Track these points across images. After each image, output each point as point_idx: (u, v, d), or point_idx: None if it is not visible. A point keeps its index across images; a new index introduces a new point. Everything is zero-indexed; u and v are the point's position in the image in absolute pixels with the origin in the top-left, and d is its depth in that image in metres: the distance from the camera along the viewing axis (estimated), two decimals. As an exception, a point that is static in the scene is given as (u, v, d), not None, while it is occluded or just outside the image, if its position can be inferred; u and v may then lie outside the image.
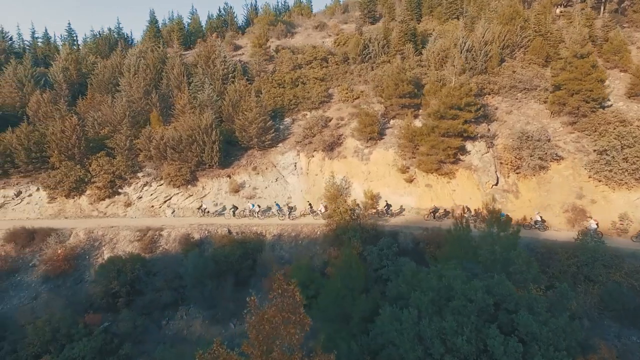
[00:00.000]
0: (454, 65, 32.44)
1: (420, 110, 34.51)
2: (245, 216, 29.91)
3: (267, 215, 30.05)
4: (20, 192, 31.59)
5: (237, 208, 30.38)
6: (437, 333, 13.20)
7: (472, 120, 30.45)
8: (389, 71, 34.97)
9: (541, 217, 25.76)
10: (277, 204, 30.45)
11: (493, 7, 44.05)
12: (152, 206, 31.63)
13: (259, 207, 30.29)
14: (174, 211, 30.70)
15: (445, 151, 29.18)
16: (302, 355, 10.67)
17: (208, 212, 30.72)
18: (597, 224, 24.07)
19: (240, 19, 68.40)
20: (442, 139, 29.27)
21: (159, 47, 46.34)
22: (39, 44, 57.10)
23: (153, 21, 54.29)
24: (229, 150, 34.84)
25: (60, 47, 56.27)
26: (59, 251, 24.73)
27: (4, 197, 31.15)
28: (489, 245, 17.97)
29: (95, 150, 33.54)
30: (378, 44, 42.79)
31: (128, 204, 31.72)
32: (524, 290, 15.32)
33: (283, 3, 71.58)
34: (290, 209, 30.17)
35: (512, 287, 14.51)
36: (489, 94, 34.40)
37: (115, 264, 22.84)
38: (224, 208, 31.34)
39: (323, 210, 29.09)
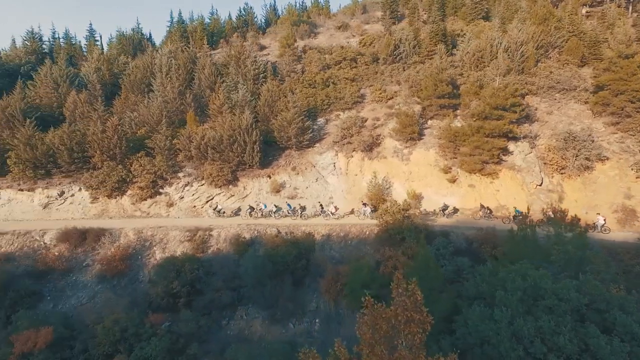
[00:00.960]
0: (498, 67, 32.44)
1: (458, 111, 34.66)
2: (261, 217, 29.77)
3: (281, 215, 29.93)
4: (63, 192, 31.70)
5: (253, 209, 30.16)
6: (535, 332, 13.29)
7: (515, 120, 30.51)
8: (427, 71, 35.07)
9: (604, 219, 25.57)
10: (288, 205, 30.50)
11: (524, 7, 44.05)
12: (194, 206, 31.73)
13: (276, 207, 30.34)
14: (219, 211, 30.63)
15: (490, 151, 29.29)
16: (426, 355, 10.71)
17: (224, 212, 30.57)
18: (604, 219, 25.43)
19: (259, 19, 68.57)
20: (486, 140, 29.36)
21: (188, 47, 46.37)
22: (61, 44, 57.16)
23: (180, 21, 54.35)
24: (266, 150, 34.91)
25: (84, 47, 56.54)
26: (115, 251, 24.82)
27: (48, 197, 31.26)
28: (560, 245, 18.06)
29: (134, 151, 33.66)
30: (409, 45, 42.87)
31: (170, 204, 31.82)
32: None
33: (301, 3, 71.66)
34: (302, 208, 30.39)
35: (601, 287, 14.61)
36: (527, 95, 34.44)
37: (173, 264, 22.95)
38: (239, 209, 31.27)
39: (333, 210, 29.43)
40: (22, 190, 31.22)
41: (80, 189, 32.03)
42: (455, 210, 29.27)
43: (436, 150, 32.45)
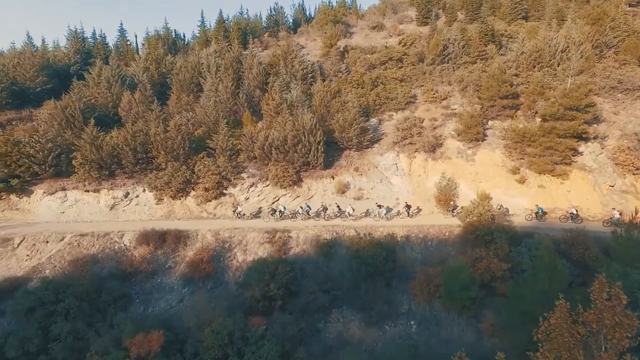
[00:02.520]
0: (570, 67, 32.32)
1: (519, 112, 34.57)
2: (281, 218, 29.49)
3: (305, 217, 29.59)
4: (128, 193, 31.45)
5: (275, 211, 29.77)
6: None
7: (585, 121, 30.39)
8: (489, 71, 34.90)
9: None
10: (308, 206, 30.38)
11: (572, 7, 43.99)
12: (261, 207, 31.50)
13: (309, 207, 30.24)
14: (239, 213, 30.22)
15: (563, 152, 29.18)
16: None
17: (244, 215, 30.25)
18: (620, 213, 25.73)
19: (288, 19, 68.20)
20: (559, 140, 29.26)
21: (232, 47, 46.12)
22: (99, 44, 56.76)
23: (221, 21, 54.06)
24: (326, 150, 34.67)
25: (119, 46, 56.17)
26: (202, 254, 24.59)
27: (114, 198, 31.02)
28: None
29: (195, 151, 33.46)
30: (458, 45, 42.75)
31: (235, 205, 31.58)
32: None
33: (327, 3, 71.23)
34: (324, 209, 30.18)
35: None
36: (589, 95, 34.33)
37: (266, 266, 22.76)
38: (259, 211, 31.15)
39: (351, 211, 29.34)
40: (88, 191, 30.98)
41: (144, 190, 31.80)
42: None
43: (502, 150, 32.34)
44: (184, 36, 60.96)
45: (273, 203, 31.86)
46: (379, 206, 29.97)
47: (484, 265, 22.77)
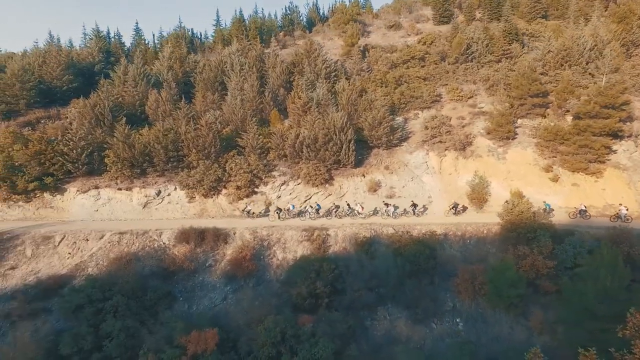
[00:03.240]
0: (604, 65, 32.31)
1: (548, 110, 34.57)
2: (289, 217, 29.23)
3: (318, 216, 29.63)
4: (160, 192, 31.38)
5: (281, 210, 29.44)
6: None
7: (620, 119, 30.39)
8: (519, 70, 34.87)
9: None
10: (314, 206, 30.04)
11: (597, 6, 43.98)
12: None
13: (318, 206, 30.16)
14: (249, 212, 29.83)
15: (599, 150, 29.18)
16: None
17: (253, 213, 29.87)
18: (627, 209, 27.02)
19: (302, 19, 68.10)
20: (594, 138, 29.25)
21: (257, 46, 46.08)
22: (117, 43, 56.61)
23: (240, 19, 54.03)
24: (355, 149, 34.68)
25: (135, 45, 56.01)
26: (245, 252, 24.51)
27: (146, 196, 30.94)
28: None
29: (224, 150, 33.40)
30: (482, 44, 42.73)
31: (268, 204, 31.55)
32: None
33: (340, 2, 71.13)
34: (336, 208, 30.34)
35: None
36: (619, 93, 34.33)
37: (310, 264, 22.73)
38: (268, 210, 30.89)
39: (360, 210, 29.26)
40: (120, 189, 30.89)
41: (175, 189, 31.72)
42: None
43: (533, 149, 32.35)
44: (201, 35, 60.89)
45: (305, 201, 31.81)
46: (386, 205, 30.00)
47: (529, 263, 22.74)
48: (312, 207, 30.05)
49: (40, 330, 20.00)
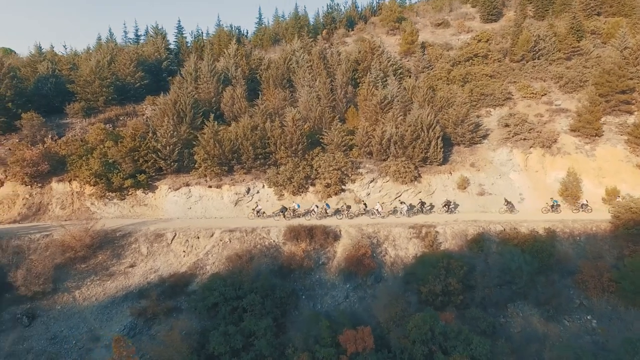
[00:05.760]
0: None
1: (633, 106, 34.32)
2: (296, 216, 28.53)
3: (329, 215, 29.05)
4: (249, 189, 31.02)
5: (286, 209, 28.69)
6: None
7: None
8: (605, 67, 34.62)
9: None
10: (327, 204, 29.55)
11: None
12: (383, 203, 31.02)
13: (327, 205, 29.53)
14: (259, 212, 28.81)
15: (699, 147, 28.95)
16: None
17: (264, 213, 28.77)
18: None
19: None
20: (694, 135, 29.04)
21: (320, 43, 45.73)
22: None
23: (298, 16, 53.63)
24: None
25: (178, 43, 55.52)
26: (364, 250, 24.12)
27: (236, 193, 30.57)
28: None
29: (308, 147, 33.01)
30: (550, 41, 42.48)
31: (358, 201, 31.17)
32: None
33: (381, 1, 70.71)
34: (348, 207, 29.26)
35: None
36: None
37: (438, 261, 22.38)
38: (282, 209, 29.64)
39: (380, 209, 28.75)
40: (210, 187, 30.50)
41: (263, 186, 31.36)
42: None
43: (623, 145, 32.11)
44: (247, 32, 60.48)
45: (395, 199, 31.49)
46: (402, 203, 29.83)
47: (657, 259, 22.48)
48: (317, 207, 29.14)
49: (178, 328, 19.54)
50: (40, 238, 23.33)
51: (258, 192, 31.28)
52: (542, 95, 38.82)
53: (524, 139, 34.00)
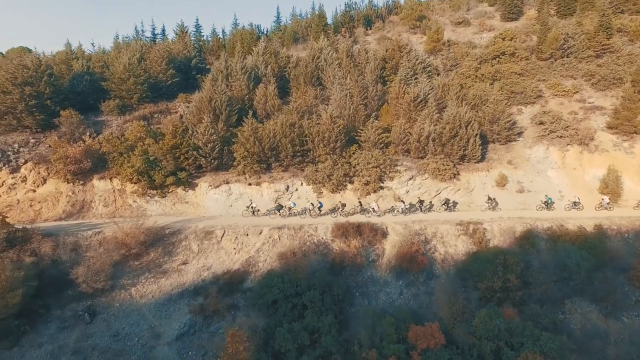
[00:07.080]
0: None
1: (669, 104, 34.19)
2: (292, 215, 28.16)
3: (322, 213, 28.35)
4: (288, 187, 30.87)
5: (282, 207, 28.38)
6: None
7: None
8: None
9: None
10: (320, 203, 28.86)
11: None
12: (422, 200, 30.86)
13: (320, 204, 28.85)
14: (254, 210, 28.29)
15: None
16: None
17: (258, 210, 28.37)
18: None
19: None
20: None
21: (346, 41, 45.63)
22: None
23: (320, 15, 53.55)
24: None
25: (198, 41, 55.43)
26: (417, 246, 23.98)
27: (276, 191, 30.41)
28: None
29: (345, 144, 32.83)
30: (579, 38, 42.39)
31: (397, 199, 31.03)
32: None
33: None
34: (343, 206, 28.81)
35: None
36: None
37: (494, 257, 22.26)
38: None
39: (376, 208, 28.34)
40: (250, 184, 30.33)
41: (301, 184, 31.21)
42: None
43: (663, 143, 32.01)
44: (267, 31, 60.33)
45: (435, 196, 31.32)
46: (401, 201, 29.52)
47: None
48: (313, 205, 28.68)
49: (240, 325, 19.36)
50: (92, 235, 23.14)
51: (297, 189, 31.13)
52: (574, 93, 38.72)
53: (560, 136, 33.88)
